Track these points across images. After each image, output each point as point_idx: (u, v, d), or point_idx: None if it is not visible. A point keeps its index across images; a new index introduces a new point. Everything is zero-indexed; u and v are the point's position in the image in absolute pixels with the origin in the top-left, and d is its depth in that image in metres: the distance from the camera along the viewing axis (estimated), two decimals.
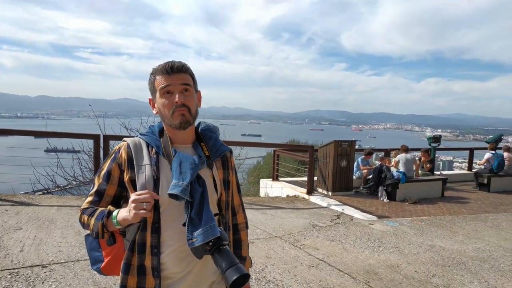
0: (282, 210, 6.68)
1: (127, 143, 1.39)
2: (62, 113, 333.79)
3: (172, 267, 1.33)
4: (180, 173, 1.28)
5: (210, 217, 1.26)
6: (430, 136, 10.83)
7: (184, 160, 1.32)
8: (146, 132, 1.45)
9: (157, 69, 1.36)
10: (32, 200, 6.01)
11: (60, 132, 6.77)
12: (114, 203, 1.40)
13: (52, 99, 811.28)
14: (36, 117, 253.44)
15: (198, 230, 1.22)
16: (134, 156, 1.35)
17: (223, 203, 1.45)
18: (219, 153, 1.47)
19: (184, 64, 1.37)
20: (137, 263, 1.33)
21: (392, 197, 8.30)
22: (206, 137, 1.48)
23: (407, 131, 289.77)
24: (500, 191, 9.74)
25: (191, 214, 1.26)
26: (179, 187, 1.25)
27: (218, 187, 1.43)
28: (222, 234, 1.24)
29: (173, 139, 1.40)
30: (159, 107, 1.37)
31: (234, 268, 1.14)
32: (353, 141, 8.82)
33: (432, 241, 5.26)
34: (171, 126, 1.37)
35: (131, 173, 1.34)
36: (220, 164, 1.49)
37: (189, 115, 1.35)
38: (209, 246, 1.21)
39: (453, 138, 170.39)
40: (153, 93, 1.40)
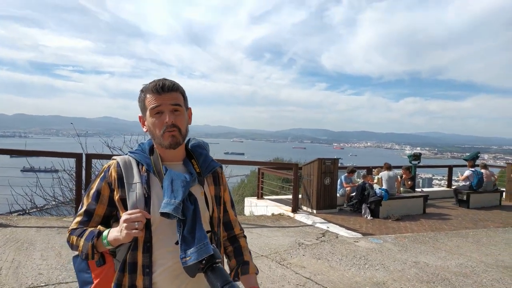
0: (267, 229, 6.65)
1: (116, 161, 1.38)
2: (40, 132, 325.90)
3: (165, 286, 1.31)
4: (172, 191, 1.28)
5: (203, 235, 1.26)
6: (411, 154, 11.07)
7: (175, 178, 1.31)
8: (136, 150, 1.44)
9: (148, 88, 1.35)
10: (9, 221, 5.81)
11: (42, 151, 6.63)
12: (103, 223, 1.37)
13: (30, 117, 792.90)
14: (13, 136, 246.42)
15: (191, 248, 1.22)
16: (124, 175, 1.33)
17: (215, 220, 1.44)
18: (210, 169, 1.47)
19: (175, 83, 1.37)
20: (128, 284, 1.30)
21: (376, 214, 8.39)
22: (196, 154, 1.48)
23: (387, 149, 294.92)
24: (479, 208, 9.97)
25: (183, 232, 1.25)
26: (171, 205, 1.24)
27: (210, 203, 1.43)
28: (215, 252, 1.24)
29: (163, 157, 1.39)
30: (150, 126, 1.36)
31: (228, 287, 1.14)
32: (336, 159, 8.93)
33: (416, 257, 5.32)
34: (161, 145, 1.36)
35: (121, 192, 1.32)
36: (212, 180, 1.49)
37: (179, 135, 1.35)
38: (203, 264, 1.20)
39: (431, 156, 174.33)
40: (143, 111, 1.39)
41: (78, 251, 1.32)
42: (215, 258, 1.22)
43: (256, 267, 1.56)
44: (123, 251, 1.33)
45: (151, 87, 1.34)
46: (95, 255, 1.28)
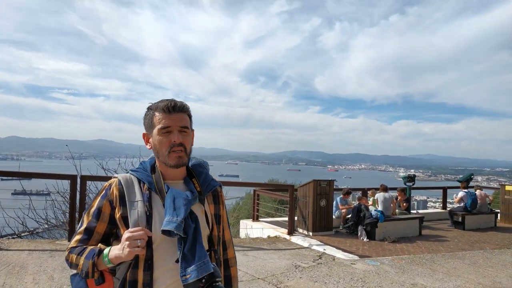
0: (263, 251, 6.58)
1: (118, 179, 1.39)
2: (33, 155, 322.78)
3: None
4: (174, 209, 1.29)
5: (203, 253, 1.26)
6: (405, 175, 11.12)
7: (177, 196, 1.33)
8: (137, 168, 1.45)
9: (158, 106, 1.37)
10: (1, 245, 5.69)
11: (37, 173, 6.59)
12: (103, 241, 1.37)
13: (23, 140, 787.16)
14: (5, 159, 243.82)
15: (191, 266, 1.22)
16: (126, 193, 1.34)
17: (215, 238, 1.45)
18: (210, 188, 1.49)
19: (185, 104, 1.41)
20: None
21: (372, 236, 8.35)
22: (197, 173, 1.50)
23: (381, 171, 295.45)
24: (474, 229, 9.97)
25: (184, 250, 1.26)
26: (173, 223, 1.25)
27: (210, 222, 1.44)
28: (215, 270, 1.24)
29: (165, 175, 1.41)
30: (155, 143, 1.38)
31: None
32: (332, 181, 8.94)
33: (414, 279, 5.27)
34: (165, 164, 1.38)
35: (123, 210, 1.33)
36: (211, 199, 1.50)
37: (185, 155, 1.38)
38: (202, 283, 1.20)
39: (425, 178, 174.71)
40: (149, 129, 1.41)
41: (78, 270, 1.31)
42: (215, 277, 1.23)
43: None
44: (123, 269, 1.33)
45: (161, 106, 1.36)
46: (95, 273, 1.27)
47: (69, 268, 1.35)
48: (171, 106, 1.36)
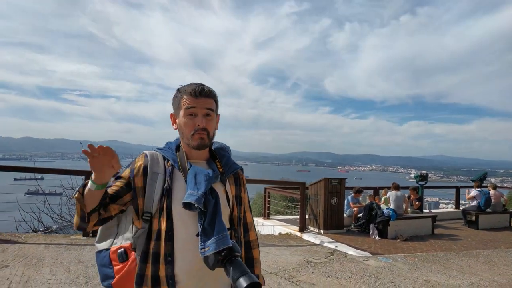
0: (275, 247, 6.59)
1: (145, 153, 1.45)
2: (46, 155, 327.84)
3: (186, 280, 1.33)
4: (195, 183, 1.33)
5: (222, 227, 1.29)
6: (417, 174, 11.03)
7: (199, 172, 1.38)
8: (163, 147, 1.51)
9: (186, 90, 1.42)
10: (18, 238, 5.81)
11: (52, 169, 6.72)
12: (113, 200, 1.37)
13: (36, 141, 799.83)
14: (18, 159, 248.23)
15: (210, 239, 1.25)
16: (150, 165, 1.39)
17: (235, 218, 1.48)
18: (231, 170, 1.53)
19: (212, 89, 1.45)
20: (152, 274, 1.33)
21: (384, 234, 8.30)
22: (219, 155, 1.55)
23: (392, 172, 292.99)
24: (488, 229, 9.83)
25: (204, 224, 1.30)
26: (194, 196, 1.29)
27: (231, 202, 1.48)
28: (234, 245, 1.27)
29: (189, 155, 1.46)
30: (181, 125, 1.44)
31: (246, 276, 1.16)
32: (343, 179, 8.91)
33: (427, 276, 5.24)
34: (188, 145, 1.43)
35: (143, 180, 1.38)
36: (233, 180, 1.54)
37: (207, 138, 1.43)
38: (222, 257, 1.23)
39: (437, 179, 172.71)
40: (176, 110, 1.47)
41: (71, 196, 1.34)
42: (234, 251, 1.25)
43: (264, 279, 1.61)
44: (141, 243, 1.37)
45: (189, 89, 1.41)
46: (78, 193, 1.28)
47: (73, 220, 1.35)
48: (198, 91, 1.40)
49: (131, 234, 1.44)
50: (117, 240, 1.49)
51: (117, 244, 1.48)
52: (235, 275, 1.17)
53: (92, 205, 1.28)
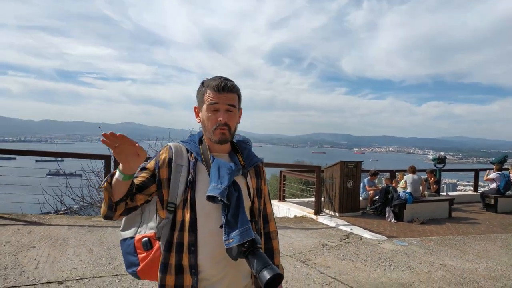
0: (291, 230, 6.68)
1: (169, 146, 1.48)
2: (65, 137, 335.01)
3: (208, 269, 1.38)
4: (219, 177, 1.37)
5: (245, 220, 1.33)
6: (435, 157, 10.88)
7: (222, 166, 1.41)
8: (187, 140, 1.54)
9: (209, 84, 1.44)
10: (42, 220, 6.05)
11: (73, 153, 6.89)
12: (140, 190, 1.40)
13: (56, 123, 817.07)
14: (39, 141, 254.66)
15: (234, 231, 1.29)
16: (174, 157, 1.43)
17: (256, 210, 1.52)
18: (252, 163, 1.56)
19: (235, 85, 1.47)
20: (175, 263, 1.38)
21: (400, 217, 8.28)
22: (241, 148, 1.58)
23: (409, 154, 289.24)
24: (508, 212, 9.70)
25: (227, 216, 1.33)
26: (217, 190, 1.32)
27: (252, 195, 1.51)
28: (256, 237, 1.31)
29: (211, 148, 1.50)
30: (204, 119, 1.47)
31: (268, 269, 1.19)
32: (359, 162, 8.87)
33: (443, 260, 5.24)
34: (210, 139, 1.47)
35: (168, 172, 1.42)
36: (254, 173, 1.57)
37: (229, 133, 1.45)
38: (245, 248, 1.27)
39: (456, 161, 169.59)
40: (199, 103, 1.50)
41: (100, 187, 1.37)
42: (256, 243, 1.29)
43: (283, 269, 1.64)
44: (165, 232, 1.42)
45: (213, 84, 1.43)
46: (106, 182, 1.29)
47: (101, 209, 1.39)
48: (221, 86, 1.42)
49: (155, 223, 1.49)
50: (141, 229, 1.54)
51: (142, 233, 1.53)
52: (258, 267, 1.21)
53: (120, 195, 1.31)
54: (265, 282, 1.17)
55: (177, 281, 1.38)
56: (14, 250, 4.44)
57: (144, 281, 3.75)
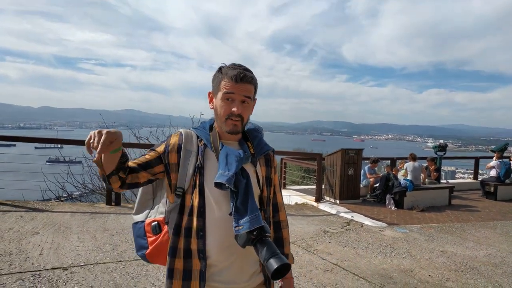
0: (292, 217, 6.72)
1: (180, 132, 1.48)
2: (64, 124, 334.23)
3: (216, 255, 1.39)
4: (226, 164, 1.36)
5: (255, 207, 1.33)
6: (436, 144, 10.89)
7: (230, 153, 1.40)
8: (198, 127, 1.54)
9: (227, 72, 1.41)
10: (45, 207, 6.08)
11: (74, 140, 6.88)
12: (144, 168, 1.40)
13: (55, 110, 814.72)
14: (38, 128, 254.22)
15: (244, 218, 1.29)
16: (184, 143, 1.43)
17: (264, 198, 1.51)
18: (263, 151, 1.55)
19: (254, 77, 1.45)
20: (184, 247, 1.39)
21: (400, 205, 8.33)
22: (252, 136, 1.56)
23: (409, 141, 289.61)
24: (507, 199, 9.75)
25: (236, 203, 1.33)
26: (225, 177, 1.32)
27: (261, 183, 1.50)
28: (265, 225, 1.31)
29: (221, 135, 1.49)
30: (217, 106, 1.45)
31: (276, 258, 1.19)
32: (360, 150, 8.88)
33: (443, 247, 5.29)
34: (221, 128, 1.46)
35: (177, 157, 1.42)
36: (264, 162, 1.56)
37: (241, 125, 1.44)
38: (254, 236, 1.27)
39: (455, 148, 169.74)
40: (215, 90, 1.47)
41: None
42: (265, 232, 1.29)
43: (293, 258, 1.65)
44: (173, 217, 1.42)
45: (231, 74, 1.40)
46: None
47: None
48: (239, 77, 1.40)
49: (165, 208, 1.51)
50: (152, 213, 1.57)
51: (152, 217, 1.55)
52: (266, 256, 1.21)
53: (110, 169, 1.30)
54: (272, 271, 1.17)
55: (185, 265, 1.39)
56: (18, 236, 4.48)
57: (148, 267, 3.78)
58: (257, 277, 1.49)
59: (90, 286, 3.30)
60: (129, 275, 3.61)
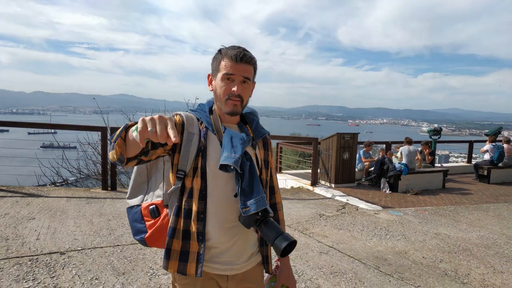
0: (288, 201, 6.77)
1: (180, 114, 1.44)
2: (58, 109, 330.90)
3: (217, 237, 1.39)
4: (232, 146, 1.35)
5: (260, 189, 1.34)
6: (431, 128, 10.93)
7: (234, 136, 1.40)
8: (196, 109, 1.52)
9: (227, 53, 1.39)
10: (40, 192, 6.05)
11: (69, 125, 6.81)
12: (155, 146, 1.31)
13: (48, 95, 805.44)
14: (31, 113, 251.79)
15: (250, 200, 1.30)
16: (186, 125, 1.40)
17: (263, 181, 1.52)
18: (261, 134, 1.55)
19: (253, 57, 1.43)
20: (183, 228, 1.39)
21: (394, 188, 8.41)
22: (249, 119, 1.56)
23: (403, 125, 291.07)
24: (500, 183, 9.88)
25: (242, 185, 1.33)
26: (232, 158, 1.31)
27: (260, 165, 1.51)
28: (268, 207, 1.32)
29: (222, 118, 1.47)
30: (217, 88, 1.43)
31: (283, 237, 1.22)
32: (355, 134, 8.90)
33: (437, 229, 5.36)
34: (221, 110, 1.44)
35: (180, 137, 1.37)
36: (262, 145, 1.57)
37: (240, 105, 1.42)
38: (259, 216, 1.29)
39: (449, 132, 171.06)
40: (214, 72, 1.46)
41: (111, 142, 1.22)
42: (268, 212, 1.31)
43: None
44: (174, 199, 1.42)
45: (230, 53, 1.38)
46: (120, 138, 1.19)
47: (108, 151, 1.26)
48: (239, 56, 1.38)
49: (162, 191, 1.50)
50: (147, 197, 1.54)
51: (148, 200, 1.53)
52: (272, 235, 1.23)
53: (134, 153, 1.22)
54: (282, 250, 1.19)
55: (183, 246, 1.39)
56: (14, 221, 4.46)
57: (146, 251, 3.81)
58: (256, 257, 1.51)
59: (88, 270, 3.32)
60: (127, 258, 3.63)
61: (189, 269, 1.37)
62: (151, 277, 3.30)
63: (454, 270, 3.91)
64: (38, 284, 3.00)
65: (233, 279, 1.44)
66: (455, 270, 3.90)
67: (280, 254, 1.20)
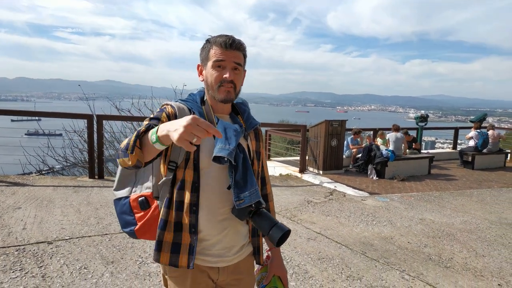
0: (276, 188, 6.82)
1: (171, 104, 1.41)
2: (42, 96, 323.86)
3: (208, 229, 1.39)
4: (226, 138, 1.33)
5: (254, 181, 1.34)
6: (418, 115, 11.05)
7: (228, 127, 1.38)
8: (187, 99, 1.48)
9: (216, 41, 1.37)
10: (26, 181, 5.97)
11: (54, 112, 6.68)
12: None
13: (32, 81, 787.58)
14: (15, 100, 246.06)
15: (244, 192, 1.30)
16: (178, 116, 1.35)
17: (255, 172, 1.51)
18: (252, 125, 1.53)
19: (243, 43, 1.41)
20: (174, 220, 1.37)
21: (381, 175, 8.53)
22: (241, 110, 1.55)
23: (391, 112, 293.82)
24: (484, 169, 10.09)
25: (235, 177, 1.32)
26: (226, 150, 1.29)
27: (252, 157, 1.50)
28: (261, 198, 1.33)
29: (214, 108, 1.45)
30: (208, 76, 1.41)
31: (277, 227, 1.23)
32: (344, 121, 8.95)
33: (422, 215, 5.48)
34: (214, 98, 1.41)
35: None
36: (253, 136, 1.55)
37: (234, 92, 1.40)
38: (252, 208, 1.29)
39: (435, 119, 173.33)
40: (204, 61, 1.43)
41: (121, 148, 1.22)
42: (261, 204, 1.32)
43: None
44: (165, 191, 1.40)
45: (219, 41, 1.36)
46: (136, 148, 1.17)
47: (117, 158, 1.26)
48: (228, 43, 1.36)
49: (152, 183, 1.47)
50: (136, 189, 1.51)
51: (137, 192, 1.50)
52: (267, 226, 1.24)
53: (151, 157, 1.22)
54: (277, 240, 1.21)
55: (175, 238, 1.38)
56: None
57: (134, 240, 3.80)
58: (247, 248, 1.51)
59: (76, 259, 3.31)
60: (115, 247, 3.63)
61: (181, 261, 1.36)
62: (140, 266, 3.31)
63: (438, 254, 4.01)
64: (25, 274, 2.98)
65: (224, 271, 1.44)
66: (439, 255, 4.00)
67: (276, 244, 1.21)
